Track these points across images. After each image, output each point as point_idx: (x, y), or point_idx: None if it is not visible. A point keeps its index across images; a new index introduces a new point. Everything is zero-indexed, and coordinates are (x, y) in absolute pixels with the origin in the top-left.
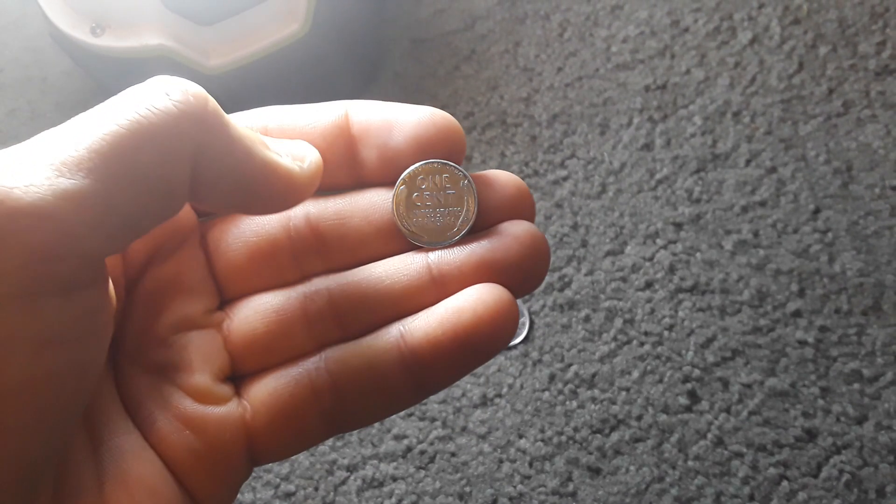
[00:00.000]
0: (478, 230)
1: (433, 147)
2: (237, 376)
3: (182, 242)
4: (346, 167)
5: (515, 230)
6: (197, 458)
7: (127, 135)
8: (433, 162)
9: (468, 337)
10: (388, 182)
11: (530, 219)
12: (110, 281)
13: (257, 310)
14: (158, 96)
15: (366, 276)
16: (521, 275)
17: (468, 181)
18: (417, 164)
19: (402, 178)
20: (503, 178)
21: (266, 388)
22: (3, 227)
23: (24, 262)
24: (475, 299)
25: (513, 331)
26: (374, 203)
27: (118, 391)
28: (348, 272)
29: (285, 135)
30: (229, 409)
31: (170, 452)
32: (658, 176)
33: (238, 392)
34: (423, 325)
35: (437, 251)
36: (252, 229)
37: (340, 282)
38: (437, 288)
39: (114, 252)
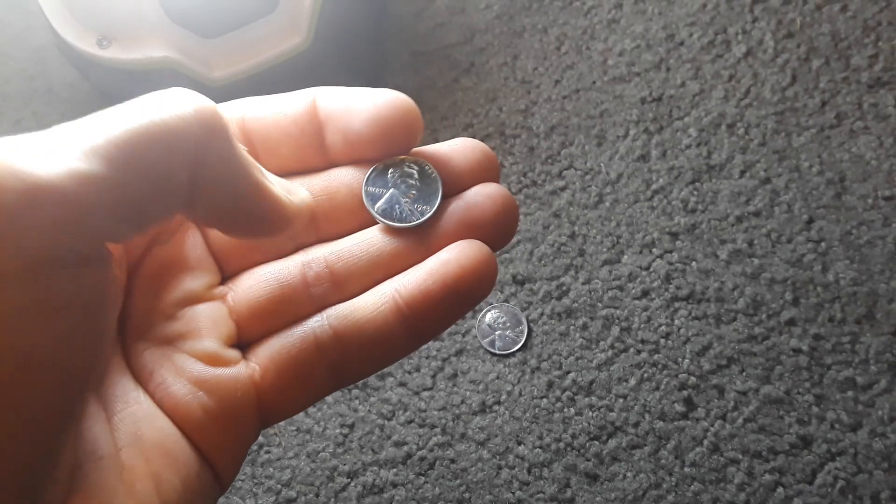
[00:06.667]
0: (451, 194)
1: (391, 129)
2: (243, 344)
3: (179, 227)
4: (317, 152)
5: (488, 191)
6: (211, 418)
7: (142, 131)
8: (394, 158)
9: (455, 286)
10: (355, 163)
11: (496, 180)
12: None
13: (258, 279)
14: (175, 102)
15: (358, 242)
16: (497, 231)
17: (429, 168)
18: (379, 164)
19: (367, 178)
20: (469, 145)
21: (273, 348)
22: (25, 203)
23: (42, 235)
24: (458, 252)
25: (492, 280)
26: (357, 178)
27: (128, 366)
28: (342, 240)
29: (261, 124)
30: (239, 370)
31: (185, 414)
32: (654, 186)
33: (245, 357)
34: (415, 278)
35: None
36: None
37: (335, 249)
38: (423, 248)
39: (118, 239)
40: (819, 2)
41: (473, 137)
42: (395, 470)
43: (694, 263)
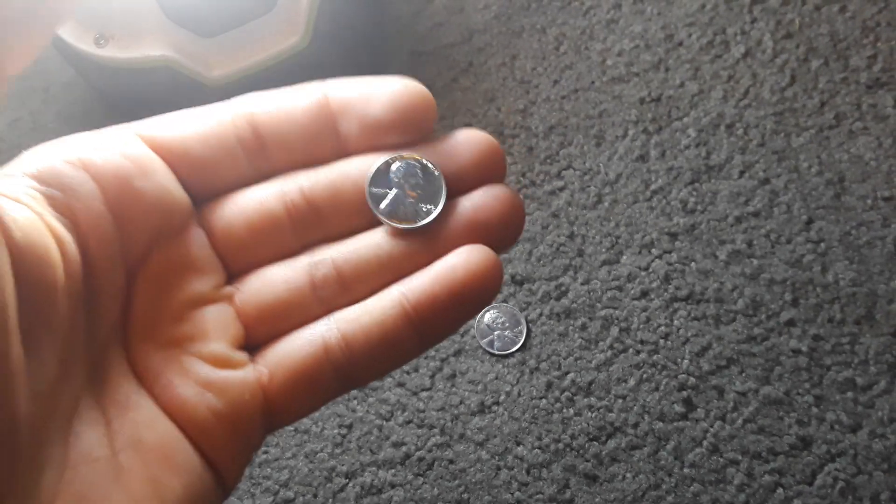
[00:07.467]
0: (457, 192)
1: (410, 113)
2: (251, 346)
3: (181, 226)
4: (330, 142)
5: (496, 192)
6: (218, 420)
7: None
8: (396, 156)
9: (462, 292)
10: (371, 150)
11: (502, 172)
12: None
13: (265, 281)
14: None
15: (366, 244)
16: (503, 233)
17: (432, 165)
18: (380, 161)
19: (370, 178)
20: (474, 138)
21: (281, 351)
22: None
23: None
24: (466, 258)
25: (498, 286)
26: (363, 172)
27: (132, 369)
28: (349, 240)
29: (271, 118)
30: (247, 373)
31: (191, 416)
32: (653, 187)
33: (253, 360)
34: (423, 282)
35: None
36: (250, 205)
37: (343, 250)
38: (430, 249)
39: None
40: (818, 2)
41: None
42: (393, 470)
43: (693, 264)
